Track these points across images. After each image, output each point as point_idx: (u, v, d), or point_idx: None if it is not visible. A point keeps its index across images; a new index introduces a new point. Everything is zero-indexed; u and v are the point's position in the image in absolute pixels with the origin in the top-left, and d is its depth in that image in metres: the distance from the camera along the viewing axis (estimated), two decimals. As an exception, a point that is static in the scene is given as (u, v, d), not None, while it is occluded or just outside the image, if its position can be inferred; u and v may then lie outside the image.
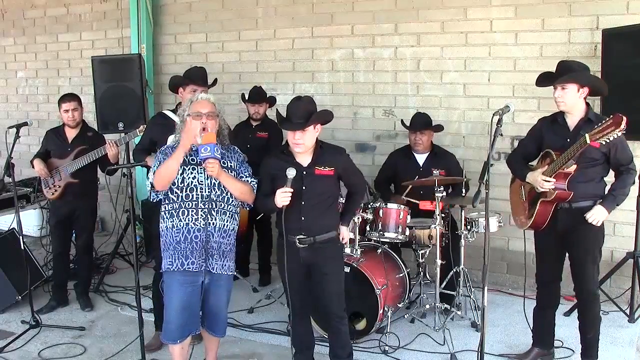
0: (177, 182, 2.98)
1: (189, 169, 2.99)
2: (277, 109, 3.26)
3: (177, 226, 2.98)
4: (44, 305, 4.48)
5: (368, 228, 4.09)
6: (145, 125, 3.91)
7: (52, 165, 4.38)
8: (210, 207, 2.97)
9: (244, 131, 5.06)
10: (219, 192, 3.00)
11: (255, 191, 3.10)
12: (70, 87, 6.79)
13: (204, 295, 3.05)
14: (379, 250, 4.11)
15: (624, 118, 2.78)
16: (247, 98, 5.01)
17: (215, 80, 4.26)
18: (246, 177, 3.10)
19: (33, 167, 4.39)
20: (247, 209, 3.22)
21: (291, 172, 2.94)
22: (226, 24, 5.84)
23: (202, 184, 2.98)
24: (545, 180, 3.16)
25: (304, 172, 3.06)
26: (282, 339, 3.96)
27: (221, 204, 3.01)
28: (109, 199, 5.21)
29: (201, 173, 2.98)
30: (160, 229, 3.08)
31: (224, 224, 3.03)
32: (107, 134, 4.71)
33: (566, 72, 3.16)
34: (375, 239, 4.10)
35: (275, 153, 3.24)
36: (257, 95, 4.96)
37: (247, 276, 5.11)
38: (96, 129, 4.93)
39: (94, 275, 5.05)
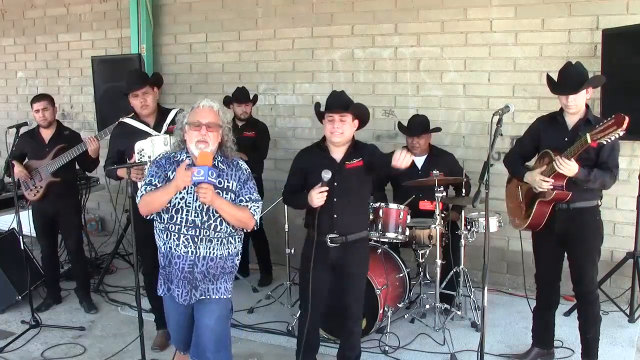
0: None
1: None
2: (318, 102, 3.24)
3: (161, 249, 2.77)
4: (41, 303, 4.50)
5: (368, 228, 4.08)
6: (134, 114, 3.80)
7: (30, 168, 4.29)
8: (194, 233, 2.65)
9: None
10: (205, 219, 2.66)
11: (256, 216, 2.75)
12: (70, 87, 6.81)
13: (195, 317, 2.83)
14: (379, 250, 4.11)
15: (627, 118, 2.77)
16: (232, 99, 5.01)
17: (156, 75, 4.04)
18: (246, 200, 2.73)
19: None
20: (248, 231, 2.85)
21: (327, 175, 2.94)
22: (226, 24, 5.84)
23: (190, 207, 2.66)
24: (544, 181, 3.15)
25: (337, 167, 3.05)
26: (282, 339, 3.96)
27: (206, 232, 2.67)
28: (109, 199, 5.21)
29: (191, 193, 2.64)
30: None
31: (210, 252, 2.69)
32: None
33: (580, 78, 3.13)
34: (375, 239, 4.09)
35: (311, 148, 3.24)
36: (244, 95, 4.99)
37: (247, 276, 5.11)
38: (96, 128, 4.93)
39: (94, 276, 5.05)
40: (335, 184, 3.03)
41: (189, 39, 6.06)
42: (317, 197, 2.95)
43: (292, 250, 4.33)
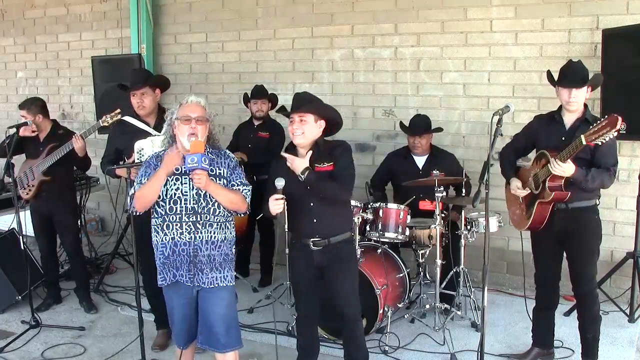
0: (162, 194, 2.80)
1: (172, 179, 2.81)
2: (283, 105, 3.21)
3: (163, 241, 2.84)
4: (41, 303, 4.50)
5: (368, 228, 4.08)
6: (119, 110, 3.83)
7: (26, 166, 4.30)
8: (195, 219, 2.79)
9: (245, 131, 5.07)
10: (204, 204, 2.81)
11: (247, 199, 2.91)
12: (71, 87, 6.82)
13: (198, 307, 2.91)
14: (379, 250, 4.11)
15: (619, 119, 2.77)
16: (249, 96, 5.01)
17: (158, 77, 4.09)
18: (237, 184, 2.90)
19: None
20: (242, 216, 3.02)
21: (280, 183, 2.89)
22: (226, 24, 5.85)
23: (187, 195, 2.80)
24: (519, 189, 3.32)
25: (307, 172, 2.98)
26: (282, 338, 3.96)
27: (207, 216, 2.82)
28: (109, 199, 5.21)
29: (185, 183, 2.80)
30: (153, 243, 2.95)
31: (212, 236, 2.84)
32: (105, 134, 4.71)
33: (583, 74, 3.14)
34: (375, 239, 4.09)
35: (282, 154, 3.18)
36: (259, 93, 4.97)
37: (247, 276, 5.11)
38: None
39: (94, 276, 5.05)
40: (308, 187, 2.97)
41: (189, 39, 6.06)
42: (272, 204, 2.89)
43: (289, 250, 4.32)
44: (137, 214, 2.90)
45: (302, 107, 2.96)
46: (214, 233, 2.85)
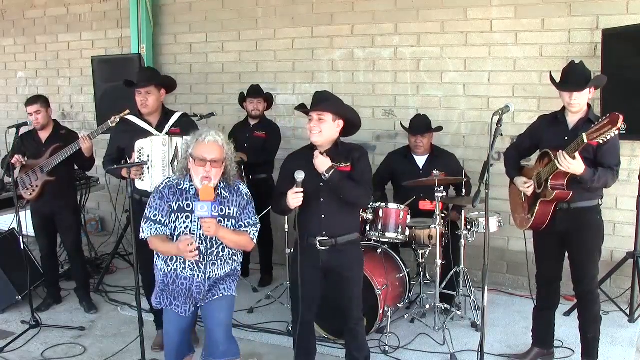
0: (171, 229, 2.83)
1: (182, 217, 2.81)
2: (303, 103, 3.19)
3: (164, 270, 2.88)
4: (41, 303, 4.50)
5: (368, 228, 4.08)
6: (128, 111, 3.81)
7: (28, 167, 4.28)
8: (199, 260, 2.80)
9: (241, 130, 5.07)
10: (209, 246, 2.83)
11: (254, 240, 2.93)
12: (71, 87, 6.82)
13: (203, 315, 2.97)
14: (379, 250, 4.11)
15: (620, 117, 2.77)
16: (245, 95, 5.02)
17: (165, 78, 4.05)
18: (245, 225, 2.89)
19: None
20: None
21: (300, 175, 2.90)
22: (226, 24, 5.85)
23: (194, 235, 2.80)
24: (526, 185, 3.29)
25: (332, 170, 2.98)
26: (282, 339, 3.96)
27: (210, 257, 2.84)
28: (109, 199, 5.20)
29: (194, 222, 2.79)
30: (154, 263, 3.00)
31: (215, 274, 2.88)
32: (106, 134, 4.71)
33: (585, 77, 3.14)
34: (375, 239, 4.09)
35: (300, 150, 3.19)
36: (255, 92, 4.99)
37: (247, 276, 5.11)
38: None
39: (94, 276, 5.05)
40: (321, 184, 2.98)
41: (189, 39, 6.06)
42: (292, 197, 2.90)
43: (292, 250, 4.33)
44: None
45: (321, 105, 2.94)
46: (217, 270, 2.90)
